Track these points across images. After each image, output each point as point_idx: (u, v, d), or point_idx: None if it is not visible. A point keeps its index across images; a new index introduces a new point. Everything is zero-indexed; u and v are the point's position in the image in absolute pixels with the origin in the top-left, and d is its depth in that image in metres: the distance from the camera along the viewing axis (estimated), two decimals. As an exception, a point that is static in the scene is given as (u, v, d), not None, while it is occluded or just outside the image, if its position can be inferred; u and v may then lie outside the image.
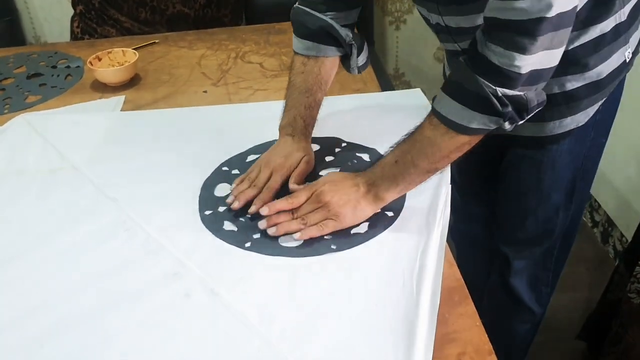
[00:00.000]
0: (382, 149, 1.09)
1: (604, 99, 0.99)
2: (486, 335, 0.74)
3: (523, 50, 0.74)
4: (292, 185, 0.97)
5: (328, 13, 1.04)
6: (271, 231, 0.89)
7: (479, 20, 0.85)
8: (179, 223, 0.95)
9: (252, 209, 0.94)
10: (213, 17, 1.89)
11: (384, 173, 0.88)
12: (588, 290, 1.82)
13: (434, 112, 0.84)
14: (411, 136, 0.87)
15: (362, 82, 1.36)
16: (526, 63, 0.75)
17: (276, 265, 0.85)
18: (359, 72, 1.12)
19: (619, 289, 1.46)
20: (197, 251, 0.89)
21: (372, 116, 1.22)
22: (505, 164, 1.12)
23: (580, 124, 1.00)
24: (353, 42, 1.07)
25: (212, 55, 1.56)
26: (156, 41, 1.63)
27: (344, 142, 1.13)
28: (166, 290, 0.82)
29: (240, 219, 0.95)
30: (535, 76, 0.78)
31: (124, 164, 1.12)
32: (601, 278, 1.74)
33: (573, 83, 0.95)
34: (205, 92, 1.38)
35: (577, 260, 1.21)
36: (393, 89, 2.04)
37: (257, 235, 0.91)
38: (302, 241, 0.89)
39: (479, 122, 0.80)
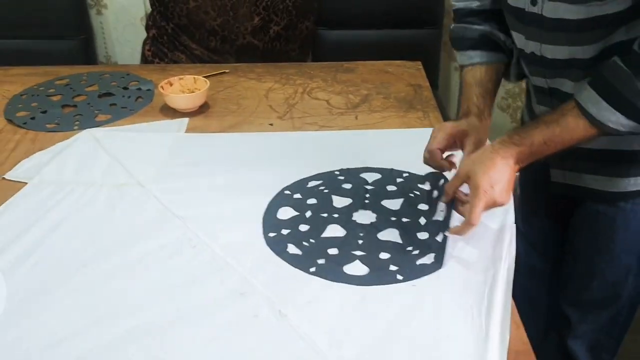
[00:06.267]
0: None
1: None
2: None
3: None
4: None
5: (485, 24, 1.07)
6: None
7: (577, 54, 0.88)
8: (244, 243, 0.97)
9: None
10: (281, 50, 1.91)
11: (532, 151, 0.89)
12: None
13: (577, 104, 0.84)
14: (556, 120, 0.87)
15: (428, 120, 1.37)
16: None
17: (342, 291, 0.85)
18: (517, 80, 1.14)
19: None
20: (263, 271, 0.90)
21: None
22: (576, 218, 1.08)
23: None
24: (512, 47, 1.08)
25: (279, 89, 1.57)
26: (226, 71, 1.66)
27: (405, 172, 1.15)
28: (234, 308, 0.83)
29: (304, 243, 0.96)
30: None
31: (189, 184, 1.15)
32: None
33: None
34: (271, 124, 1.39)
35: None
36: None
37: (321, 261, 0.91)
38: (367, 270, 0.89)
39: (618, 124, 0.80)
